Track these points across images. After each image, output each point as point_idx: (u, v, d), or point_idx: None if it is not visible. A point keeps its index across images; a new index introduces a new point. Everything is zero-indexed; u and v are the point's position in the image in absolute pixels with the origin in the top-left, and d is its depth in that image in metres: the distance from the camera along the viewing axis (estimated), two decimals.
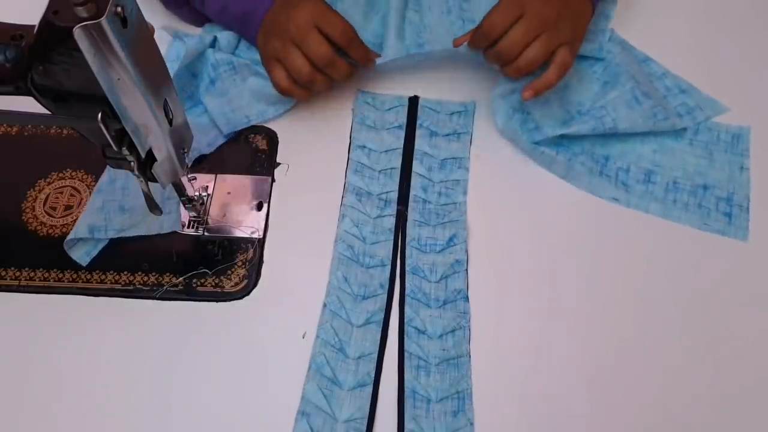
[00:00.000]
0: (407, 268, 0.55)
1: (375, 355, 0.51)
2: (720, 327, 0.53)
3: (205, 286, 0.54)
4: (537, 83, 0.56)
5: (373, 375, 0.51)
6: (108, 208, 0.56)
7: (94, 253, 0.55)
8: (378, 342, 0.52)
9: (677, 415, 0.50)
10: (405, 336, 0.52)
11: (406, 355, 0.51)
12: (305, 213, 0.58)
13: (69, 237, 0.54)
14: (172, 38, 0.62)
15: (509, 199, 0.58)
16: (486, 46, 0.56)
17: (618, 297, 0.54)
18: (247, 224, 0.57)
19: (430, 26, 0.66)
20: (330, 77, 0.57)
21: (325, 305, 0.53)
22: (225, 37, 0.63)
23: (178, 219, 0.56)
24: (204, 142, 0.59)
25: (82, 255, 0.55)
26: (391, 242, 0.56)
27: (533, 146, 0.59)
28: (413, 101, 0.63)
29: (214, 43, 0.62)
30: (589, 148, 0.60)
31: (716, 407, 0.50)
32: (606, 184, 0.59)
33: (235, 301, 0.54)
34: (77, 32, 0.33)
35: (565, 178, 0.59)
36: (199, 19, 0.65)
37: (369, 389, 0.50)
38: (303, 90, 0.58)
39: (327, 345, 0.52)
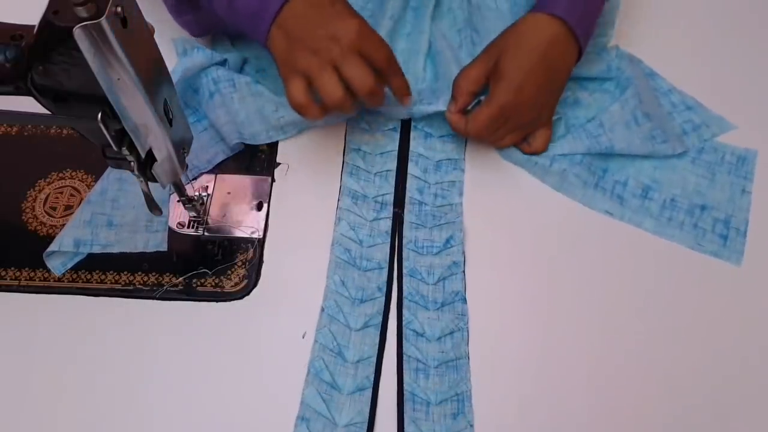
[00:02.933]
0: (404, 271, 0.55)
1: (374, 359, 0.51)
2: (704, 345, 0.52)
3: (205, 286, 0.54)
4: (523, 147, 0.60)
5: (372, 378, 0.51)
6: (96, 221, 0.55)
7: (70, 264, 0.55)
8: (377, 345, 0.52)
9: (675, 417, 0.50)
10: (403, 339, 0.52)
11: (404, 357, 0.51)
12: (305, 213, 0.58)
13: (52, 248, 0.53)
14: (180, 53, 0.62)
15: (505, 200, 0.58)
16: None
17: (615, 300, 0.54)
18: (247, 224, 0.57)
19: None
20: (360, 104, 0.53)
21: (322, 309, 0.53)
22: (232, 58, 0.62)
23: (164, 239, 0.56)
24: (204, 158, 0.59)
25: (58, 265, 0.55)
26: (388, 245, 0.56)
27: (527, 158, 0.59)
28: None
29: (222, 62, 0.62)
30: (588, 160, 0.59)
31: (708, 416, 0.50)
32: (600, 197, 0.58)
33: (235, 301, 0.54)
34: (77, 32, 0.33)
35: (559, 190, 0.58)
36: (204, 28, 0.64)
37: (368, 393, 0.50)
38: (319, 110, 0.52)
39: (325, 349, 0.52)
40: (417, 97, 0.60)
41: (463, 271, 0.55)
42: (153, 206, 0.49)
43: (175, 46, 0.62)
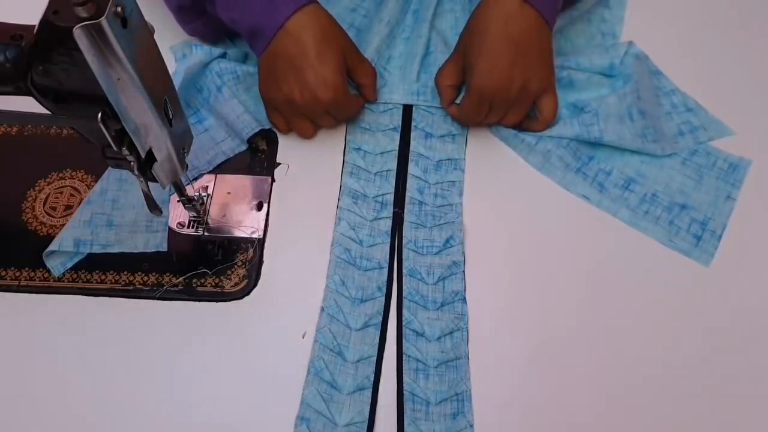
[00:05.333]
0: (404, 271, 0.55)
1: (374, 359, 0.51)
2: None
3: (205, 286, 0.54)
4: (529, 126, 0.60)
5: (372, 378, 0.51)
6: (96, 221, 0.55)
7: (69, 264, 0.55)
8: (377, 345, 0.52)
9: (677, 417, 0.50)
10: (403, 339, 0.52)
11: (404, 357, 0.51)
12: (305, 213, 0.58)
13: (51, 248, 0.53)
14: (179, 59, 0.62)
15: (505, 200, 0.58)
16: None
17: (614, 297, 0.54)
18: (247, 224, 0.57)
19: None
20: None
21: (322, 309, 0.53)
22: (233, 54, 0.63)
23: (164, 239, 0.56)
24: (204, 160, 0.59)
25: (57, 264, 0.54)
26: (388, 245, 0.56)
27: (514, 134, 0.59)
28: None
29: (222, 55, 0.62)
30: (576, 145, 0.59)
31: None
32: (580, 181, 0.58)
33: (235, 301, 0.54)
34: (77, 32, 0.33)
35: (540, 170, 0.59)
36: (213, 34, 0.64)
37: (368, 393, 0.50)
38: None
39: (325, 349, 0.52)
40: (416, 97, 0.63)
41: (463, 271, 0.55)
42: (153, 206, 0.49)
43: (173, 53, 0.63)
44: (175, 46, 0.63)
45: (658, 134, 0.59)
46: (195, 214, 0.57)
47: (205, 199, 0.58)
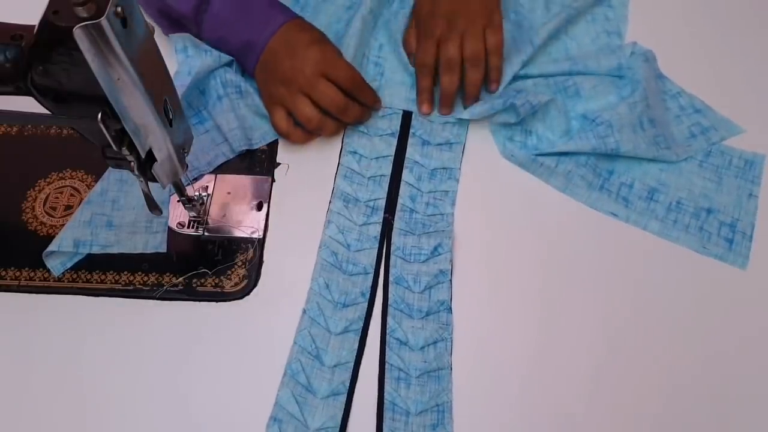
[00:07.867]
0: (391, 278, 0.55)
1: (351, 365, 0.51)
2: (708, 349, 0.52)
3: (205, 286, 0.54)
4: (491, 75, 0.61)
5: (347, 384, 0.50)
6: (96, 222, 0.55)
7: (69, 264, 0.55)
8: (355, 351, 0.52)
9: (675, 425, 0.50)
10: (386, 347, 0.52)
11: (386, 366, 0.51)
12: (305, 213, 0.58)
13: (51, 248, 0.53)
14: (180, 51, 0.62)
15: (498, 211, 0.58)
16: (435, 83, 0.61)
17: (605, 311, 0.54)
18: (247, 224, 0.57)
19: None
20: (341, 122, 0.59)
21: (304, 311, 0.53)
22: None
23: (163, 240, 0.56)
24: (204, 161, 0.59)
25: (57, 265, 0.54)
26: (376, 250, 0.56)
27: (532, 158, 0.59)
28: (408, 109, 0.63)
29: (230, 63, 0.62)
30: (594, 161, 0.59)
31: (711, 419, 0.50)
32: (605, 198, 0.58)
33: (235, 301, 0.54)
34: (77, 32, 0.33)
35: (564, 191, 0.58)
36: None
37: (343, 398, 0.50)
38: (303, 134, 0.59)
39: (303, 352, 0.51)
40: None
41: (450, 280, 0.54)
42: (153, 206, 0.49)
43: (174, 43, 0.62)
44: (174, 36, 0.62)
45: (670, 140, 0.59)
46: (195, 214, 0.57)
47: (205, 199, 0.58)
